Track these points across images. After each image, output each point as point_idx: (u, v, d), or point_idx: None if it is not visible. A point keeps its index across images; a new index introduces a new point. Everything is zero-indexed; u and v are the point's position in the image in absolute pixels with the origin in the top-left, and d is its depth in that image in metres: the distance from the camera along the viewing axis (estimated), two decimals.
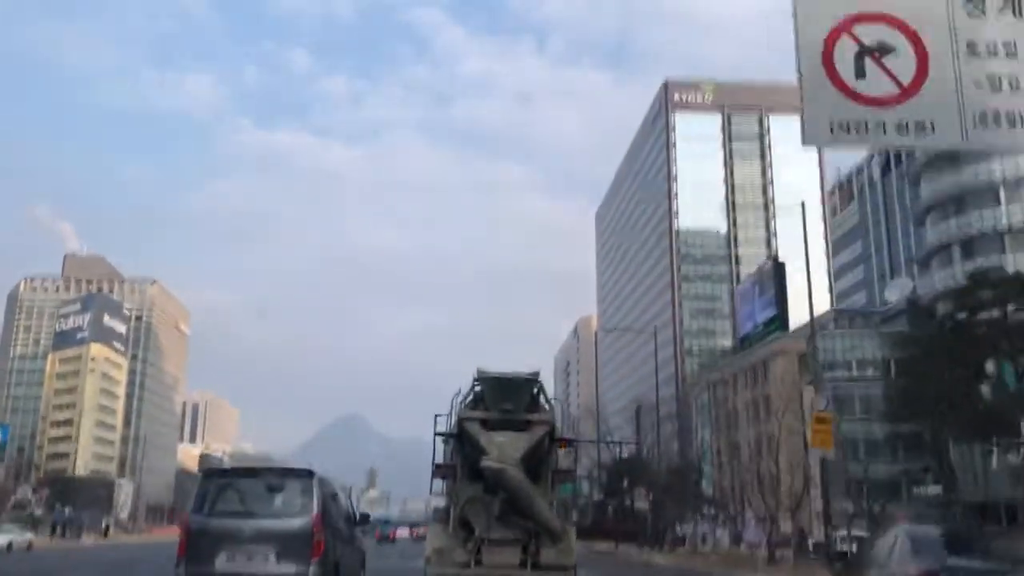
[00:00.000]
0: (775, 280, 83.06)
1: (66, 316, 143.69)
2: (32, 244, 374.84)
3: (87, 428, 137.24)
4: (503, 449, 12.92)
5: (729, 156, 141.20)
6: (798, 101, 7.34)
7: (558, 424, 15.01)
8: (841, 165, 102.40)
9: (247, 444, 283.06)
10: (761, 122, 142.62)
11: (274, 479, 11.78)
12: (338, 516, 12.36)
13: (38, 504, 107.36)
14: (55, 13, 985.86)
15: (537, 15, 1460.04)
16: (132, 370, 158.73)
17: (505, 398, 13.50)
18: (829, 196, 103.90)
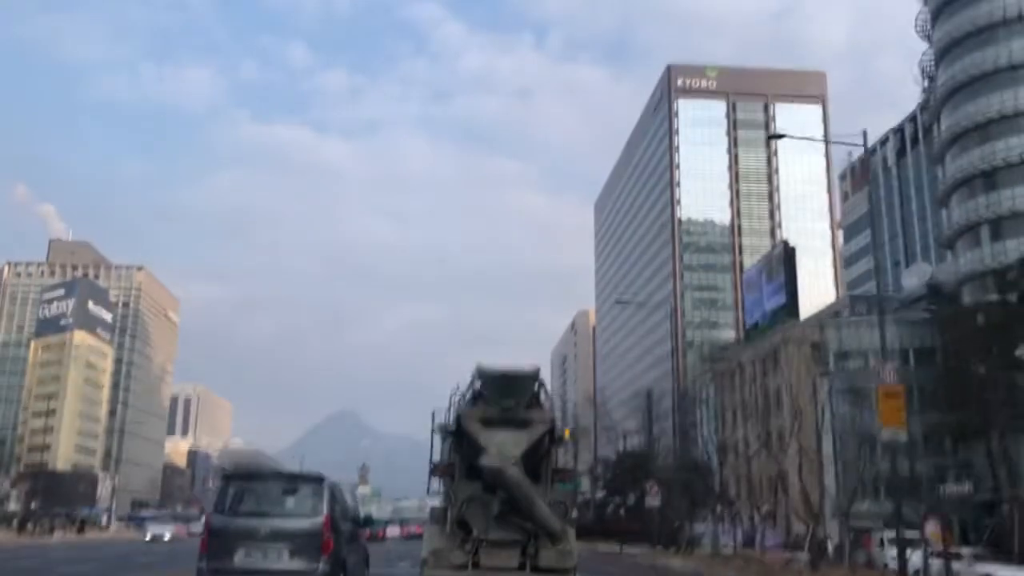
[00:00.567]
0: (785, 265, 79.11)
1: (49, 302, 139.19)
2: (21, 232, 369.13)
3: (70, 419, 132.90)
4: (503, 447, 12.46)
5: (733, 144, 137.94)
6: (804, 88, 3.41)
7: (558, 421, 14.45)
8: (853, 149, 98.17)
9: (238, 439, 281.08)
10: (767, 109, 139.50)
11: (288, 483, 12.90)
12: (345, 517, 13.37)
13: (17, 498, 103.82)
14: (54, 6, 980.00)
15: (536, 11, 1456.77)
16: (118, 359, 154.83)
17: (505, 395, 12.84)
18: (840, 181, 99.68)
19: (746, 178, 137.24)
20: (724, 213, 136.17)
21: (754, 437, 68.45)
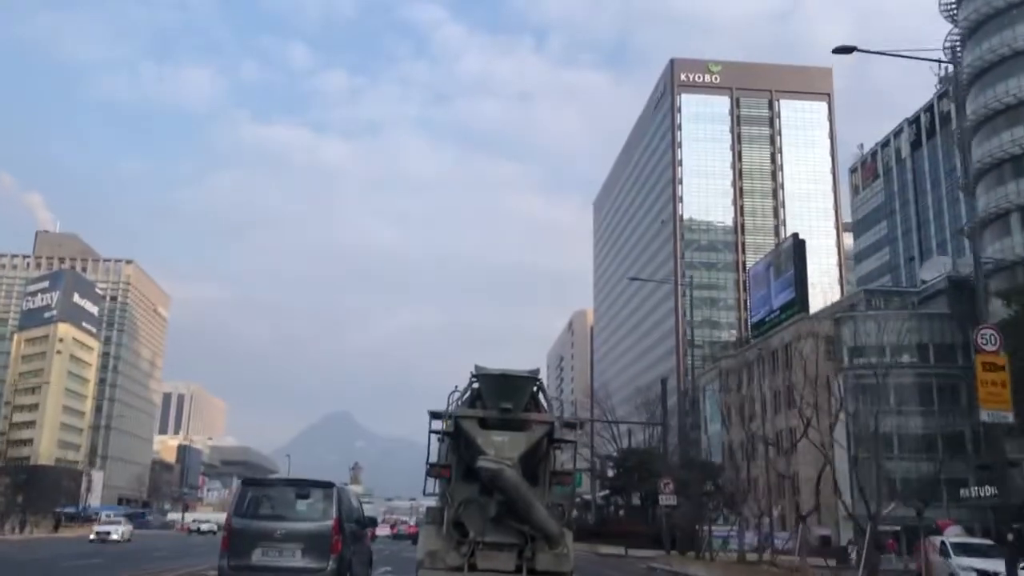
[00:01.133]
0: (795, 259, 75.94)
1: (33, 294, 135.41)
2: (7, 224, 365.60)
3: (53, 413, 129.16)
4: (501, 449, 12.38)
5: (737, 140, 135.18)
6: (809, 84, 2.28)
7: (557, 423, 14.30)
8: (865, 141, 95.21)
9: (230, 438, 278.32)
10: (771, 105, 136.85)
11: (301, 489, 13.99)
12: (350, 519, 14.24)
13: None
14: (55, 4, 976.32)
15: (537, 14, 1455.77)
16: (105, 353, 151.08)
17: (504, 396, 12.75)
18: (850, 175, 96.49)
19: (750, 175, 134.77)
20: (727, 211, 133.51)
21: (762, 436, 65.61)
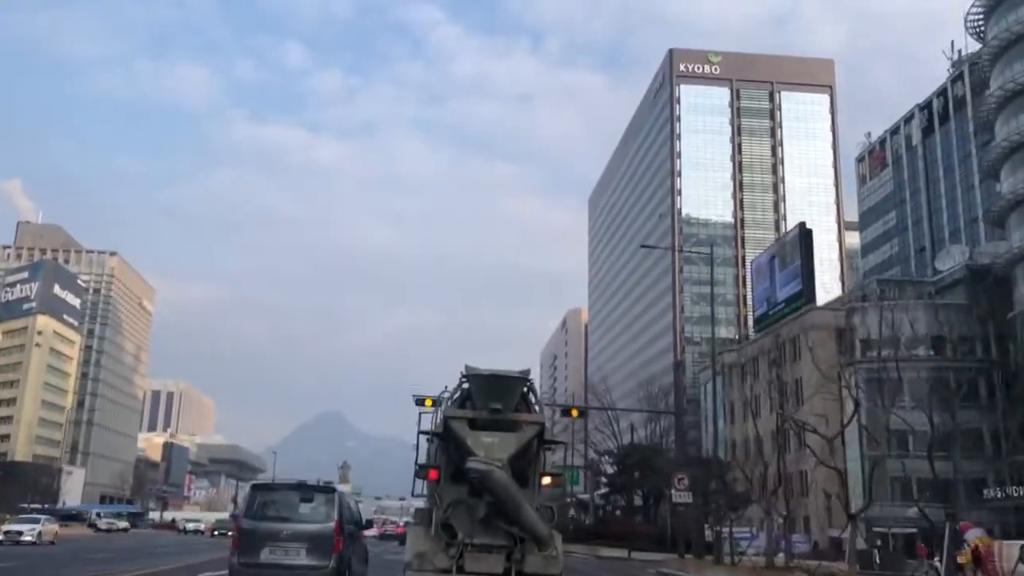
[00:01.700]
0: (802, 249, 72.49)
1: (12, 285, 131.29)
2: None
3: (30, 408, 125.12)
4: (490, 450, 12.01)
5: (737, 132, 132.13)
6: (811, 76, 2.33)
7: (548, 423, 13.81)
8: (873, 129, 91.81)
9: (219, 436, 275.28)
10: (772, 97, 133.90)
11: (305, 493, 14.92)
12: (349, 521, 15.43)
13: None
14: (53, 2, 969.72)
15: (533, 15, 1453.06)
16: (87, 347, 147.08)
17: (494, 397, 12.41)
18: (857, 163, 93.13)
19: (750, 168, 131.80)
20: (726, 205, 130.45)
21: (767, 433, 62.59)
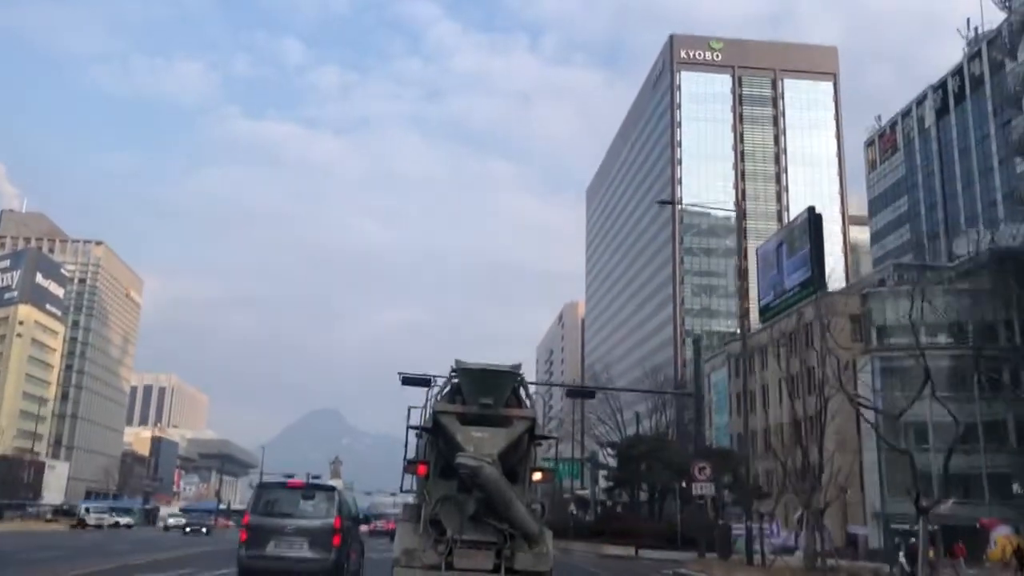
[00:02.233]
0: (811, 234, 69.22)
1: None
2: None
3: (11, 400, 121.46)
4: (480, 445, 11.77)
5: (739, 120, 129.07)
6: (814, 63, 2.36)
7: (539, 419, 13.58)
8: (883, 111, 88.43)
9: (210, 431, 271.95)
10: (775, 84, 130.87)
11: (308, 491, 16.59)
12: (348, 517, 16.84)
13: None
14: None
15: (531, 12, 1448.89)
16: (72, 338, 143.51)
17: (484, 391, 12.23)
18: (866, 148, 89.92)
19: (752, 157, 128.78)
20: (728, 194, 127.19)
21: (778, 424, 59.79)
